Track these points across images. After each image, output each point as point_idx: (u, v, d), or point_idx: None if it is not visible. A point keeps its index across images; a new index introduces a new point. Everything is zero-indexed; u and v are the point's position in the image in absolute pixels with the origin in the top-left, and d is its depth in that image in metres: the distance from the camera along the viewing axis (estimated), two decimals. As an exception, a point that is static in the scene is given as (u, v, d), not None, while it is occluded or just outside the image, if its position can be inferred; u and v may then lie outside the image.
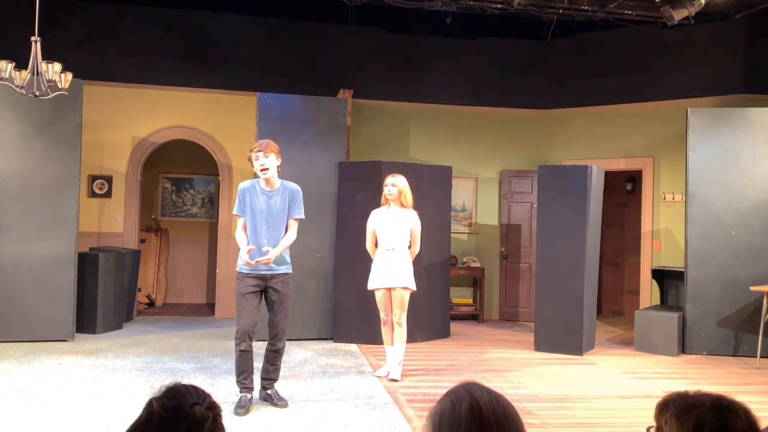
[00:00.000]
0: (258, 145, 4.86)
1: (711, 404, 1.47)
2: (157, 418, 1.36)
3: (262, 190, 4.89)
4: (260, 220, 4.85)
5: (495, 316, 9.67)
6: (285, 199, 4.90)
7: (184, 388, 1.44)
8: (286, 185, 4.96)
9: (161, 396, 1.40)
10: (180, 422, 1.35)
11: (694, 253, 7.41)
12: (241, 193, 4.93)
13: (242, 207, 4.90)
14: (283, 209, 4.89)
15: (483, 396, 1.37)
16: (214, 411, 1.41)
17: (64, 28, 8.33)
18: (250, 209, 4.86)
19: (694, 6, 7.07)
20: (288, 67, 9.10)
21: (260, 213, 4.85)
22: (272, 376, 4.98)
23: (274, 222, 4.86)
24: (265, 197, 4.88)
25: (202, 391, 1.44)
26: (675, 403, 1.51)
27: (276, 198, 4.89)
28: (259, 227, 4.85)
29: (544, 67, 9.66)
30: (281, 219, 4.89)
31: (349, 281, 7.41)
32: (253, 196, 4.88)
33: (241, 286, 4.81)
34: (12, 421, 4.37)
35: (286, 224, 4.91)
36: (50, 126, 7.12)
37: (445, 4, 8.00)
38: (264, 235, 4.83)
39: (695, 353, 7.33)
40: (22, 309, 6.95)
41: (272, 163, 4.82)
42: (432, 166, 8.18)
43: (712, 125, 7.49)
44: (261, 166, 4.80)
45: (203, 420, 1.37)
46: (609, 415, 5.00)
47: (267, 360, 4.97)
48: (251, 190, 4.91)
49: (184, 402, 1.39)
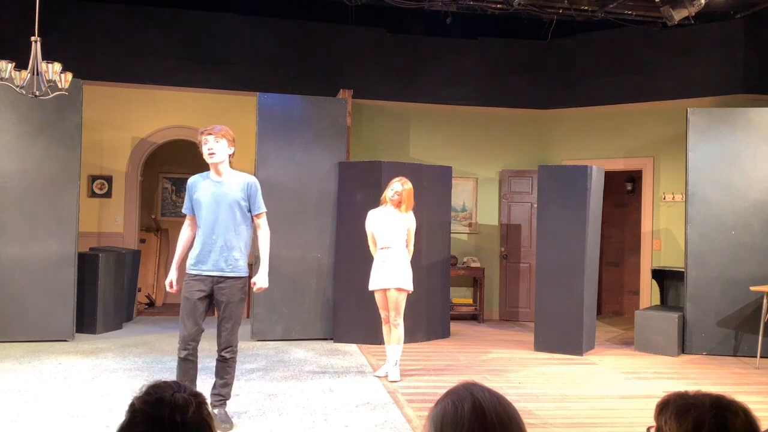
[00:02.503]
0: (210, 128, 4.39)
1: (710, 404, 1.47)
2: (141, 414, 1.36)
3: (210, 179, 4.43)
4: (208, 213, 4.37)
5: (495, 316, 9.67)
6: (238, 190, 4.39)
7: (164, 383, 1.43)
8: (239, 175, 4.48)
9: (142, 394, 1.40)
10: (162, 410, 1.34)
11: (694, 253, 7.41)
12: (188, 187, 4.50)
13: (188, 203, 4.49)
14: (235, 201, 4.38)
15: (485, 396, 1.36)
16: (198, 398, 1.40)
17: (64, 28, 8.33)
18: (199, 202, 4.40)
19: (694, 6, 7.08)
20: (288, 67, 9.10)
21: (206, 205, 4.37)
22: (221, 393, 4.44)
23: (224, 214, 4.36)
24: (214, 187, 4.40)
25: (183, 384, 1.44)
26: (674, 402, 1.51)
27: (226, 186, 4.39)
28: (207, 220, 4.37)
29: (544, 67, 9.67)
30: (232, 211, 4.38)
31: (349, 281, 7.41)
32: (201, 188, 4.42)
33: (186, 289, 4.37)
34: (12, 421, 4.37)
35: (239, 220, 4.41)
36: (50, 126, 7.12)
37: (445, 4, 8.00)
38: (211, 230, 4.35)
39: (695, 353, 7.33)
40: (22, 309, 6.95)
41: (222, 148, 4.36)
42: (432, 166, 8.18)
43: (712, 125, 7.49)
44: (209, 150, 4.34)
45: (186, 405, 1.36)
46: (609, 414, 5.00)
47: (216, 373, 4.50)
48: (199, 182, 4.46)
49: (164, 393, 1.38)
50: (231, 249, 4.39)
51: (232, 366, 4.50)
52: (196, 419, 1.36)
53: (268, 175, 7.56)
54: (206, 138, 4.36)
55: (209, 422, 1.40)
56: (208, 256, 4.36)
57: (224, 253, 4.37)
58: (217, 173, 4.43)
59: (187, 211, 4.53)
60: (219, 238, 4.36)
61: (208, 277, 4.37)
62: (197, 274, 4.37)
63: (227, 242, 4.37)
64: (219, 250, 4.36)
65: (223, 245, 4.37)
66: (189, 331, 4.34)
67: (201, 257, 4.38)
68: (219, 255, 4.36)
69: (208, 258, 4.37)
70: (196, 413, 1.37)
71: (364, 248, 6.26)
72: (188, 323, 4.35)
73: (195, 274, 4.38)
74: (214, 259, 4.36)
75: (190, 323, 4.34)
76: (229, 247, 4.38)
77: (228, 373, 4.48)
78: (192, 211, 4.50)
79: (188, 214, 4.53)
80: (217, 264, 4.36)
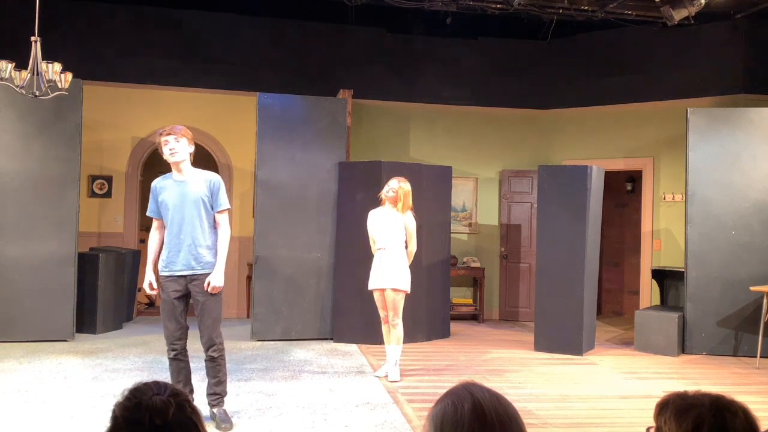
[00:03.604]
0: (169, 128, 4.42)
1: (710, 404, 1.47)
2: (122, 420, 1.36)
3: (174, 181, 4.44)
4: (174, 213, 4.37)
5: (495, 316, 9.67)
6: (201, 187, 4.41)
7: (145, 385, 1.42)
8: (202, 173, 4.50)
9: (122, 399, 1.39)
10: (141, 414, 1.34)
11: (694, 253, 7.41)
12: (153, 190, 4.49)
13: (152, 206, 4.49)
14: (199, 198, 4.39)
15: (485, 396, 1.36)
16: (179, 398, 1.39)
17: (64, 28, 8.33)
18: (165, 203, 4.41)
19: (694, 6, 7.08)
20: (288, 67, 9.10)
21: (172, 205, 4.37)
22: (217, 391, 4.48)
23: (189, 212, 4.36)
24: (178, 187, 4.41)
25: (164, 383, 1.43)
26: (674, 403, 1.51)
27: (191, 186, 4.41)
28: (173, 220, 4.37)
29: (544, 67, 9.67)
30: (198, 209, 4.38)
31: (349, 281, 7.41)
32: (165, 190, 4.43)
33: (162, 290, 4.43)
34: (12, 421, 4.37)
35: (205, 219, 4.42)
36: (50, 126, 7.12)
37: (445, 4, 8.00)
38: (179, 229, 4.36)
39: (695, 353, 7.33)
40: (22, 309, 6.95)
41: (183, 147, 4.38)
42: (432, 166, 8.18)
43: (712, 125, 7.49)
44: (170, 150, 4.35)
45: (165, 408, 1.35)
46: (609, 414, 5.00)
47: (207, 373, 4.53)
48: (162, 183, 4.48)
49: (143, 396, 1.37)
50: (199, 246, 4.41)
51: (221, 363, 4.52)
52: (178, 420, 1.36)
53: (268, 175, 7.56)
54: (167, 138, 4.38)
55: (195, 420, 1.39)
56: (177, 255, 4.39)
57: (193, 251, 4.39)
58: (179, 172, 4.45)
59: (153, 214, 4.53)
60: (186, 236, 4.38)
61: (180, 277, 4.40)
62: (169, 275, 4.40)
63: (195, 240, 4.39)
64: (188, 249, 4.39)
65: (191, 243, 4.39)
66: (171, 331, 4.41)
67: (171, 257, 4.41)
68: (188, 254, 4.39)
69: (177, 258, 4.39)
70: (177, 414, 1.36)
71: (364, 248, 6.26)
72: (170, 324, 4.41)
73: (167, 275, 4.41)
74: (184, 258, 4.39)
75: (171, 324, 4.40)
76: (197, 244, 4.40)
77: (219, 371, 4.50)
78: (158, 213, 4.51)
79: (154, 216, 4.53)
80: (187, 263, 4.39)
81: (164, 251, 4.45)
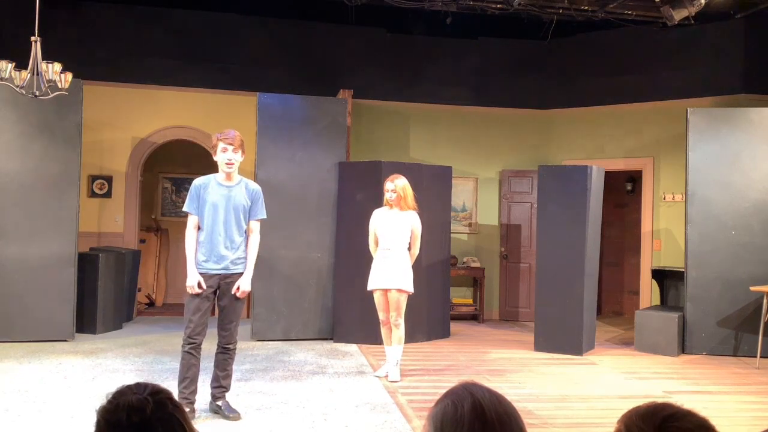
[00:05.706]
0: (230, 137, 4.56)
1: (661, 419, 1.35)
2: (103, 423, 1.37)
3: (220, 183, 4.62)
4: (217, 214, 4.56)
5: (495, 316, 9.67)
6: (245, 195, 4.63)
7: (126, 387, 1.43)
8: (246, 181, 4.72)
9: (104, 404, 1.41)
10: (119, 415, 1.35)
11: (694, 253, 7.41)
12: (194, 189, 4.62)
13: (194, 203, 4.60)
14: (242, 204, 4.61)
15: (485, 396, 1.36)
16: (158, 396, 1.40)
17: (63, 28, 8.33)
18: (207, 203, 4.56)
19: (694, 6, 7.08)
20: (288, 67, 9.10)
21: (216, 206, 4.56)
22: (223, 384, 4.65)
23: (231, 215, 4.58)
24: (224, 190, 4.60)
25: (145, 384, 1.43)
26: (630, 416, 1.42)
27: (235, 191, 4.62)
28: (216, 221, 4.55)
29: (544, 67, 9.67)
30: (239, 214, 4.60)
31: (349, 281, 7.41)
32: (209, 190, 4.59)
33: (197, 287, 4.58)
34: (12, 421, 4.37)
35: (243, 223, 4.64)
36: (50, 126, 7.12)
37: (445, 4, 8.00)
38: (220, 230, 4.55)
39: (695, 353, 7.33)
40: (22, 309, 6.94)
41: (238, 159, 4.60)
42: (432, 166, 8.18)
43: (712, 125, 7.49)
44: (228, 159, 4.55)
45: (141, 405, 1.36)
46: (609, 415, 4.99)
47: (217, 366, 4.68)
48: (206, 184, 4.62)
49: (122, 397, 1.39)
50: (237, 248, 4.64)
51: (233, 357, 4.75)
52: (158, 416, 1.37)
53: (268, 175, 7.56)
54: (226, 147, 4.55)
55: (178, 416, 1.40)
56: (217, 255, 4.59)
57: (230, 253, 4.62)
58: (228, 179, 4.64)
59: (193, 210, 4.63)
60: (227, 238, 4.59)
61: (215, 275, 4.59)
62: (205, 272, 4.57)
63: (234, 242, 4.62)
64: (226, 250, 4.61)
65: (231, 245, 4.62)
66: (196, 324, 4.55)
67: (210, 256, 4.59)
68: (227, 253, 4.60)
69: (216, 257, 4.59)
70: (156, 411, 1.37)
71: (365, 248, 6.26)
72: (195, 318, 4.54)
73: (202, 272, 4.57)
74: (222, 258, 4.60)
75: (198, 317, 4.55)
76: (236, 246, 4.64)
77: (229, 365, 4.71)
78: (197, 211, 4.63)
79: (194, 213, 4.64)
80: (224, 263, 4.60)
81: (202, 249, 4.61)
